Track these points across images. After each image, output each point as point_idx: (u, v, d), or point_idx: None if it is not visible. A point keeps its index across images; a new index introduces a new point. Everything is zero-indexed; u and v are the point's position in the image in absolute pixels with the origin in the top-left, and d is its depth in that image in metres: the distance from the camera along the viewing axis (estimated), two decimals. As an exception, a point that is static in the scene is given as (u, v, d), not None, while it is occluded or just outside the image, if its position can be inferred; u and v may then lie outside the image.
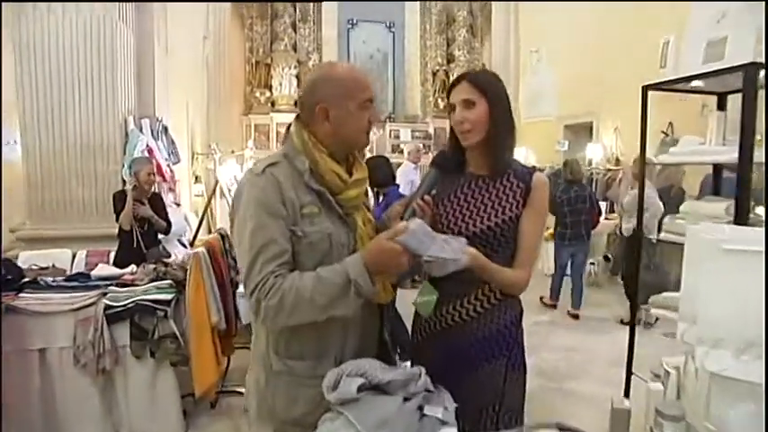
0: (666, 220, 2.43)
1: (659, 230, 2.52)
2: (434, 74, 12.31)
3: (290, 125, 1.42)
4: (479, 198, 1.57)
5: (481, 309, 1.56)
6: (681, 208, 2.47)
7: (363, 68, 1.50)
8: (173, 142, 5.45)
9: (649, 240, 5.36)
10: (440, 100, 12.15)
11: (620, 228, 6.84)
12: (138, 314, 2.82)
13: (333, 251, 1.32)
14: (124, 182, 4.59)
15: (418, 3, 12.31)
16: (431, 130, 12.02)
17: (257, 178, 1.29)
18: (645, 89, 2.55)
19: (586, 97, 9.08)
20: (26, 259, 3.98)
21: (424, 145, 11.71)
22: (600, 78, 8.73)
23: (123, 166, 4.56)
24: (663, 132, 8.14)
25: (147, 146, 4.70)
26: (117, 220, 3.87)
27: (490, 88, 1.54)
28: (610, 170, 8.72)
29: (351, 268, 1.22)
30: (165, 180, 5.00)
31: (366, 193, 1.50)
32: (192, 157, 8.54)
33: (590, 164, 9.29)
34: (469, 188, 1.59)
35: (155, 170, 4.16)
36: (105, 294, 2.89)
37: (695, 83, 2.47)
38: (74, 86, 4.35)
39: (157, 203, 4.07)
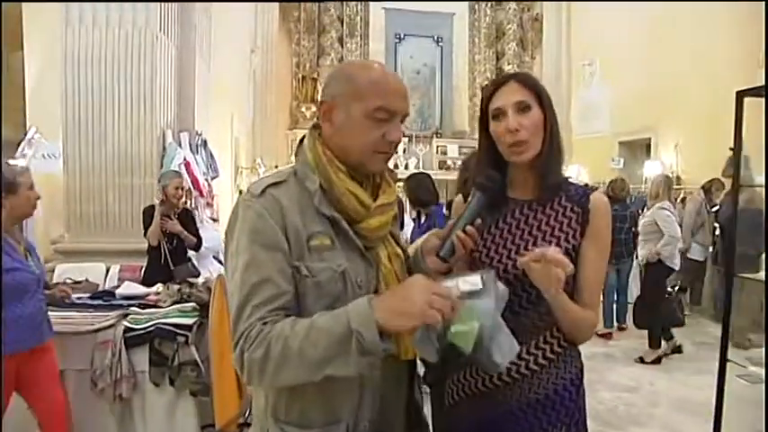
0: None
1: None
2: (483, 89, 11.99)
3: (303, 137, 1.18)
4: (527, 229, 1.29)
5: (536, 365, 1.26)
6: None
7: (400, 79, 1.16)
8: (212, 156, 5.38)
9: (670, 269, 4.96)
10: (488, 115, 11.82)
11: (686, 253, 6.32)
12: (159, 339, 2.66)
13: (348, 294, 1.05)
14: (161, 196, 4.53)
15: (467, 17, 12.08)
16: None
17: (254, 201, 1.05)
18: (740, 96, 2.09)
19: (643, 112, 8.59)
20: (62, 272, 3.94)
21: (472, 162, 11.42)
22: (658, 92, 8.23)
23: (160, 180, 4.50)
24: (731, 149, 7.57)
25: (185, 159, 4.62)
26: (145, 235, 3.76)
27: (543, 91, 1.27)
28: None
29: (354, 315, 0.93)
30: (202, 195, 4.91)
31: (394, 222, 1.22)
32: (237, 171, 8.56)
33: (647, 183, 8.76)
34: (513, 217, 1.30)
35: (184, 184, 4.03)
36: (126, 316, 2.74)
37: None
38: (114, 99, 4.31)
39: (187, 219, 3.94)
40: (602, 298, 5.55)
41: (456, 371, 1.34)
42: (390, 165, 1.20)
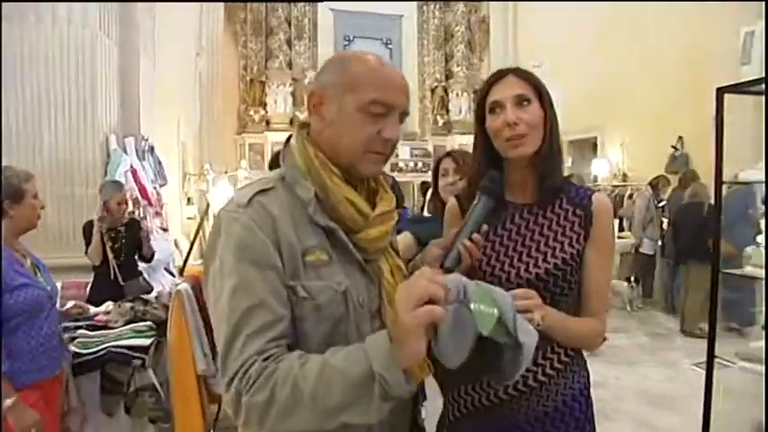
0: (750, 250, 2.03)
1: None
2: (432, 90, 12.05)
3: (289, 137, 1.04)
4: (528, 234, 1.21)
5: (544, 376, 1.19)
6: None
7: (400, 73, 1.03)
8: (159, 163, 5.08)
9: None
10: (438, 117, 11.91)
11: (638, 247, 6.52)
12: (111, 363, 2.42)
13: (350, 316, 0.93)
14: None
15: (415, 19, 12.11)
16: (430, 148, 11.72)
17: (241, 211, 0.90)
18: (720, 92, 2.09)
19: (591, 112, 8.83)
20: (-6, 293, 3.58)
21: (423, 163, 11.43)
22: (605, 92, 8.47)
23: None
24: (673, 147, 7.89)
25: (131, 167, 4.33)
26: (86, 253, 3.47)
27: (544, 89, 1.20)
28: (617, 186, 8.44)
29: (374, 354, 0.79)
30: (150, 204, 4.62)
31: (394, 232, 1.10)
32: (184, 178, 8.19)
33: (595, 180, 9.01)
34: (513, 223, 1.23)
35: (128, 196, 3.73)
36: (73, 339, 2.48)
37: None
38: (50, 102, 3.97)
39: (135, 230, 3.66)
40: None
41: (456, 385, 1.26)
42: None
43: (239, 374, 0.82)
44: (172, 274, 4.72)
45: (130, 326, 2.57)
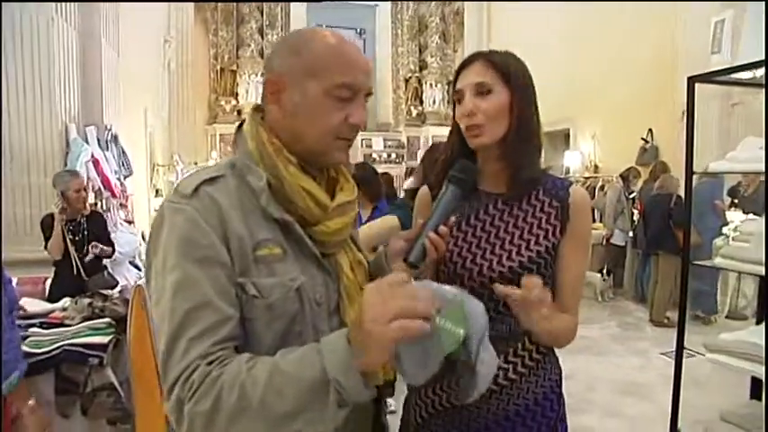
0: (719, 241, 2.01)
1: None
2: (407, 81, 12.00)
3: (242, 123, 0.95)
4: (501, 226, 1.16)
5: (515, 374, 1.14)
6: (741, 228, 2.02)
7: (360, 50, 0.94)
8: (124, 152, 4.90)
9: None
10: (412, 108, 11.87)
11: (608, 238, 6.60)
12: (66, 363, 2.30)
13: (305, 314, 0.86)
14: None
15: (389, 9, 12.01)
16: (403, 139, 11.69)
17: (184, 202, 0.82)
18: (691, 81, 2.05)
19: (562, 104, 8.88)
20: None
21: (396, 155, 11.38)
22: (577, 84, 8.53)
23: (64, 179, 4.03)
24: (643, 139, 7.99)
25: (93, 156, 4.16)
26: (46, 247, 3.31)
27: (512, 70, 1.13)
28: (588, 178, 8.52)
29: (330, 358, 0.72)
30: (114, 195, 4.46)
31: (355, 223, 1.03)
32: (153, 169, 7.98)
33: (567, 172, 9.08)
34: (487, 213, 1.17)
35: (89, 185, 3.57)
36: (25, 339, 2.35)
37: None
38: (4, 88, 3.78)
39: (97, 223, 3.50)
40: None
41: (419, 387, 1.20)
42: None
43: (181, 380, 0.74)
44: (138, 267, 4.57)
45: (87, 323, 2.45)
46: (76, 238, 3.39)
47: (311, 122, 0.88)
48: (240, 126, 0.95)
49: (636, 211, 6.64)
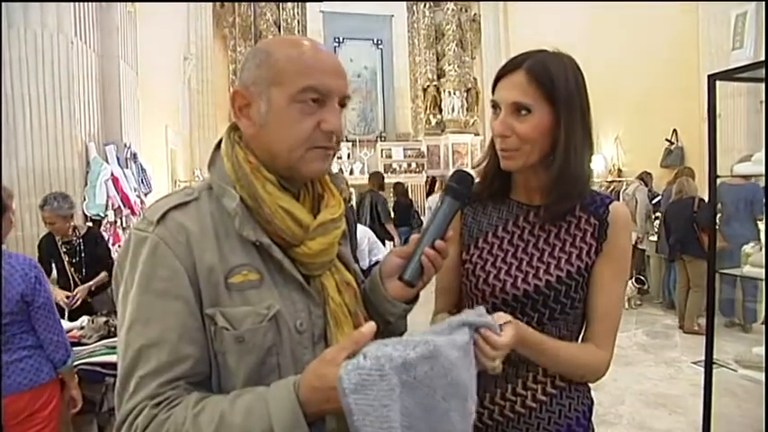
0: (749, 248, 1.89)
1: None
2: (425, 90, 11.95)
3: (220, 141, 0.90)
4: (531, 241, 1.07)
5: (534, 401, 1.06)
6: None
7: (332, 53, 0.91)
8: (143, 170, 4.97)
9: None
10: (431, 116, 11.81)
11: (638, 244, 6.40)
12: (84, 382, 2.31)
13: (284, 344, 0.81)
14: (86, 217, 4.11)
15: (405, 18, 12.03)
16: (423, 148, 11.62)
17: (149, 230, 0.78)
18: (712, 79, 1.93)
19: (585, 107, 8.75)
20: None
21: (417, 164, 11.33)
22: (597, 84, 8.38)
23: (85, 198, 4.09)
24: (667, 140, 7.79)
25: (112, 175, 4.23)
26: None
27: (557, 84, 0.99)
28: (612, 182, 8.35)
29: (276, 411, 0.69)
30: (134, 213, 4.51)
31: (344, 241, 0.96)
32: (175, 185, 8.09)
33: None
34: (516, 225, 1.09)
35: (62, 214, 3.27)
36: (43, 358, 2.37)
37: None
38: (24, 108, 3.86)
39: (93, 242, 3.45)
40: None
41: None
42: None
43: (127, 422, 0.72)
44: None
45: (104, 341, 2.46)
46: (74, 261, 3.37)
47: (280, 132, 0.82)
48: (218, 146, 0.90)
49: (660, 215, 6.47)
